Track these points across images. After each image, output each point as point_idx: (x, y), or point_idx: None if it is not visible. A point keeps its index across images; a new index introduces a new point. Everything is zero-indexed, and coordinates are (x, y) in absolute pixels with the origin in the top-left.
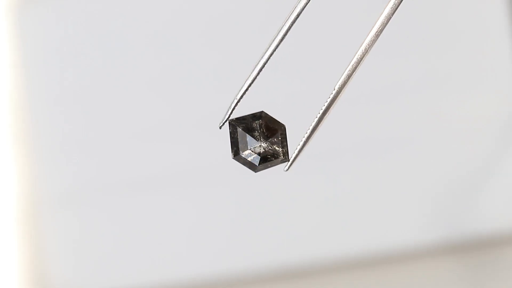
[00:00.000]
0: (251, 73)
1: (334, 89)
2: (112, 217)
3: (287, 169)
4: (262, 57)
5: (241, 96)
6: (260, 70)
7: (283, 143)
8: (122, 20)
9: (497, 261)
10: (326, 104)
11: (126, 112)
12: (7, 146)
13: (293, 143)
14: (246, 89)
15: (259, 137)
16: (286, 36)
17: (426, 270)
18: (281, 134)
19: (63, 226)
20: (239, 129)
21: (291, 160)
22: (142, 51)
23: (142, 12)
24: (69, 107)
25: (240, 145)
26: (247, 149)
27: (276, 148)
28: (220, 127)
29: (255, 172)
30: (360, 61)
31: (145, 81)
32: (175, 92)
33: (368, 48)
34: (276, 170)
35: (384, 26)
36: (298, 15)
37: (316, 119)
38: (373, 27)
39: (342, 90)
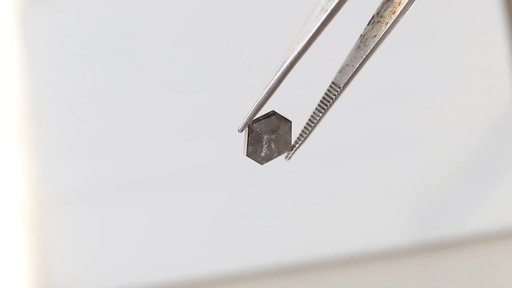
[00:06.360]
0: (271, 80)
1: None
2: (116, 217)
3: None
4: (280, 67)
5: (261, 105)
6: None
7: (288, 136)
8: (129, 21)
9: (476, 259)
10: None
11: (131, 112)
12: (12, 146)
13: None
14: (266, 98)
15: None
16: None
17: (414, 267)
18: (288, 129)
19: (69, 225)
20: (254, 134)
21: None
22: (148, 52)
23: (151, 12)
24: (75, 106)
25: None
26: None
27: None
28: (240, 131)
29: (261, 164)
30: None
31: (152, 82)
32: (184, 93)
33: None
34: (280, 172)
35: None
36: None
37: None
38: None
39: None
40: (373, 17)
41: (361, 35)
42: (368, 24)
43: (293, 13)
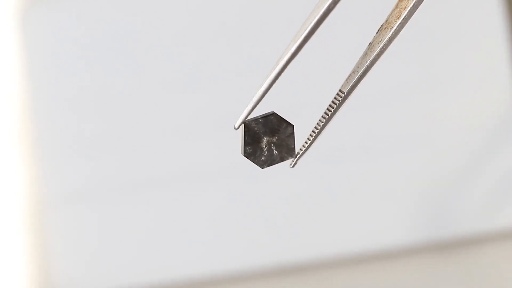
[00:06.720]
0: (267, 78)
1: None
2: (116, 216)
3: (293, 166)
4: (277, 64)
5: (257, 102)
6: (276, 78)
7: (290, 141)
8: (129, 21)
9: (476, 259)
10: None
11: (131, 112)
12: (12, 146)
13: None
14: (263, 95)
15: (268, 144)
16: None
17: (414, 267)
18: (290, 133)
19: (69, 225)
20: (251, 132)
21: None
22: (148, 52)
23: (151, 12)
24: (75, 107)
25: (250, 147)
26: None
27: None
28: (236, 128)
29: (262, 168)
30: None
31: (152, 82)
32: (184, 93)
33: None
34: (280, 172)
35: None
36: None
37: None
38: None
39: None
40: (382, 25)
41: (369, 43)
42: (377, 32)
43: (293, 13)
